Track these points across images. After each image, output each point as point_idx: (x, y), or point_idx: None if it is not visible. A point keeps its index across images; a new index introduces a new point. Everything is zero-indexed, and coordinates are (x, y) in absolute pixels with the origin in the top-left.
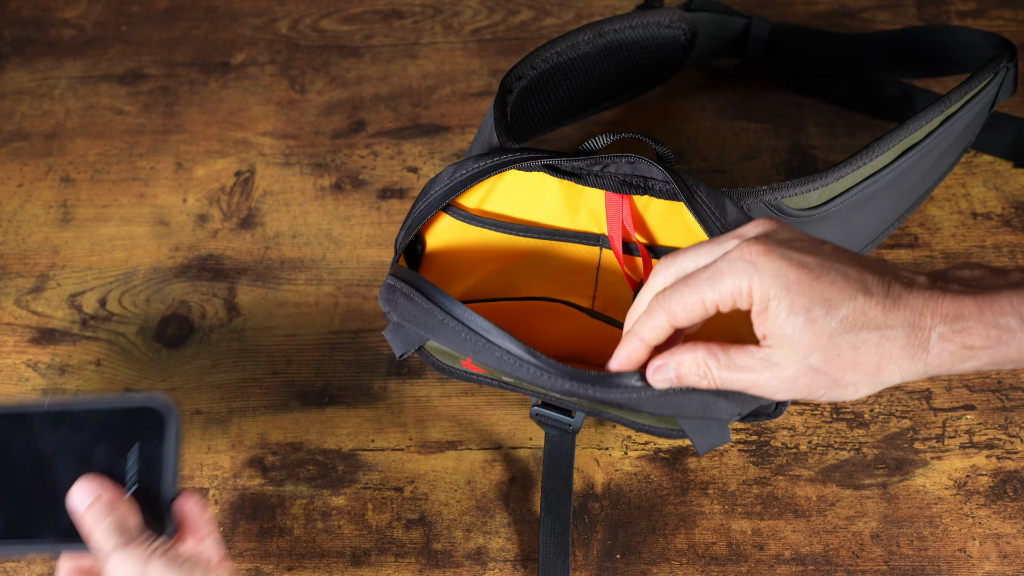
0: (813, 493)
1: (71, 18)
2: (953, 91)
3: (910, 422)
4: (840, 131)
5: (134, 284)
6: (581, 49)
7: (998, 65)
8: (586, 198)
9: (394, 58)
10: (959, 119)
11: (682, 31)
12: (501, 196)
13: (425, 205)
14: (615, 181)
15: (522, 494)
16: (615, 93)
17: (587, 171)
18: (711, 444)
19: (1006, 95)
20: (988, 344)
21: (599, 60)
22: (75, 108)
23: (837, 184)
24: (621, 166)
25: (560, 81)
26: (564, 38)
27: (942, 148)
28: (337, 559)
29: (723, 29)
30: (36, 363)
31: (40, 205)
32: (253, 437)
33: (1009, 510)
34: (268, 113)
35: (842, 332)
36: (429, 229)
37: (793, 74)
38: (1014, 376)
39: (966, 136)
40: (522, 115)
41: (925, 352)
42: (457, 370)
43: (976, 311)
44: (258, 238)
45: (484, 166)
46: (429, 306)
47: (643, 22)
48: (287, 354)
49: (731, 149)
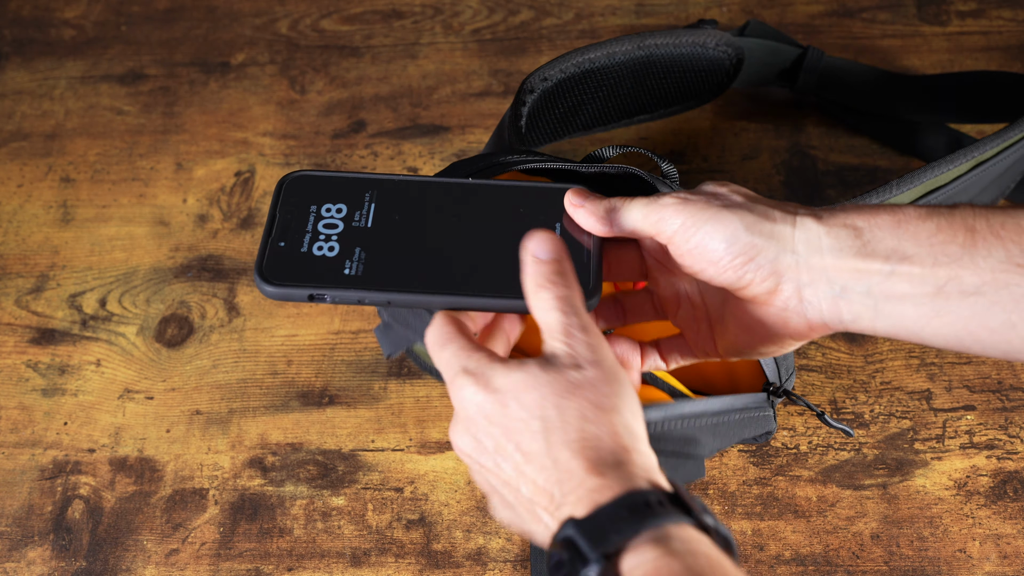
0: (813, 493)
1: (71, 18)
2: (990, 137)
3: (910, 422)
4: (840, 131)
5: (134, 284)
6: (617, 59)
7: None
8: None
9: (394, 58)
10: (992, 166)
11: (727, 55)
12: None
13: None
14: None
15: None
16: (649, 108)
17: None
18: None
19: None
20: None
21: (634, 73)
22: (75, 108)
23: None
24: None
25: (589, 88)
26: (600, 45)
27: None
28: (337, 559)
29: (775, 57)
30: (36, 363)
31: (40, 205)
32: (253, 437)
33: (1009, 510)
34: (268, 113)
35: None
36: None
37: (846, 110)
38: (1014, 376)
39: (1000, 185)
40: (542, 117)
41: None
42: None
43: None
44: (258, 238)
45: (488, 164)
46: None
47: (688, 41)
48: (287, 354)
49: (731, 149)
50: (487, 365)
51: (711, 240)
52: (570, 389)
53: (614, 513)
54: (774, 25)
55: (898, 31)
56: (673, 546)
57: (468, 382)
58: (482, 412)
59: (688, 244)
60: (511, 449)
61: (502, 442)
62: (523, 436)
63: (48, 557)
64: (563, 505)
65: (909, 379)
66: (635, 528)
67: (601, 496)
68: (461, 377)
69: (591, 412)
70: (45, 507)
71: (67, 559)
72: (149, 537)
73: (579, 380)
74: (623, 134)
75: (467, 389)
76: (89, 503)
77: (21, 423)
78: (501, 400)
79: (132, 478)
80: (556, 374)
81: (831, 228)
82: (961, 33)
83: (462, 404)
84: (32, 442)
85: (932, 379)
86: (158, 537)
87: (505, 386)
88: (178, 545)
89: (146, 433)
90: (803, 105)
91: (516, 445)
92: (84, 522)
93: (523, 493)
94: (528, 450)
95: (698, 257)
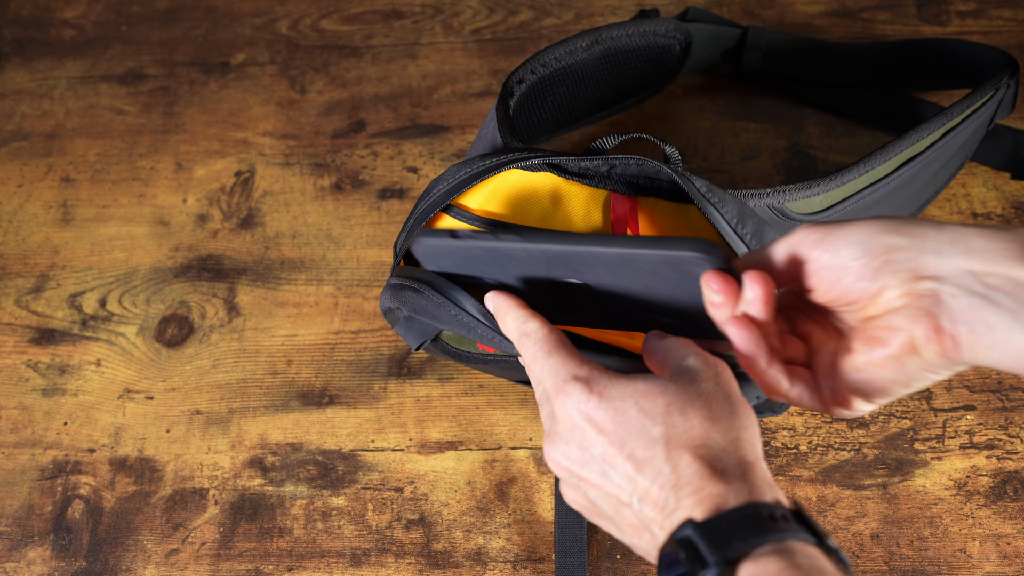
0: (813, 493)
1: (71, 18)
2: (955, 104)
3: (910, 422)
4: (840, 131)
5: (134, 284)
6: (579, 55)
7: (999, 81)
8: (591, 199)
9: (394, 58)
10: (960, 132)
11: (677, 41)
12: (504, 197)
13: (428, 204)
14: (622, 183)
15: (522, 494)
16: (611, 102)
17: (594, 172)
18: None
19: (1004, 112)
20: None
21: (596, 67)
22: (75, 108)
23: (839, 190)
24: (628, 167)
25: (558, 87)
26: (563, 43)
27: (942, 161)
28: (337, 559)
29: (718, 40)
30: (36, 363)
31: (40, 205)
32: (253, 437)
33: (1009, 510)
34: (268, 113)
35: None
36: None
37: (792, 82)
38: (1014, 376)
39: (965, 150)
40: (521, 120)
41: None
42: (473, 354)
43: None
44: (258, 238)
45: (490, 164)
46: (441, 300)
47: (640, 31)
48: (287, 354)
49: (731, 149)
50: (601, 374)
51: (846, 245)
52: (697, 399)
53: (738, 520)
54: (774, 25)
55: (898, 31)
56: (798, 560)
57: (579, 388)
58: (591, 420)
59: (824, 256)
60: (622, 458)
61: (611, 451)
62: (638, 443)
63: (48, 557)
64: (678, 509)
65: None
66: (759, 538)
67: (724, 502)
68: (571, 384)
69: (716, 423)
70: (45, 507)
71: (67, 559)
72: (149, 537)
73: (707, 392)
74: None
75: (577, 396)
76: (89, 503)
77: (21, 423)
78: (618, 407)
79: (132, 478)
80: (686, 384)
81: (984, 229)
82: (961, 33)
83: (567, 412)
84: (32, 442)
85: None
86: (158, 537)
87: (624, 393)
88: (178, 545)
89: (146, 433)
90: (803, 104)
91: (629, 453)
92: (84, 522)
93: (630, 503)
94: (642, 457)
95: (834, 268)
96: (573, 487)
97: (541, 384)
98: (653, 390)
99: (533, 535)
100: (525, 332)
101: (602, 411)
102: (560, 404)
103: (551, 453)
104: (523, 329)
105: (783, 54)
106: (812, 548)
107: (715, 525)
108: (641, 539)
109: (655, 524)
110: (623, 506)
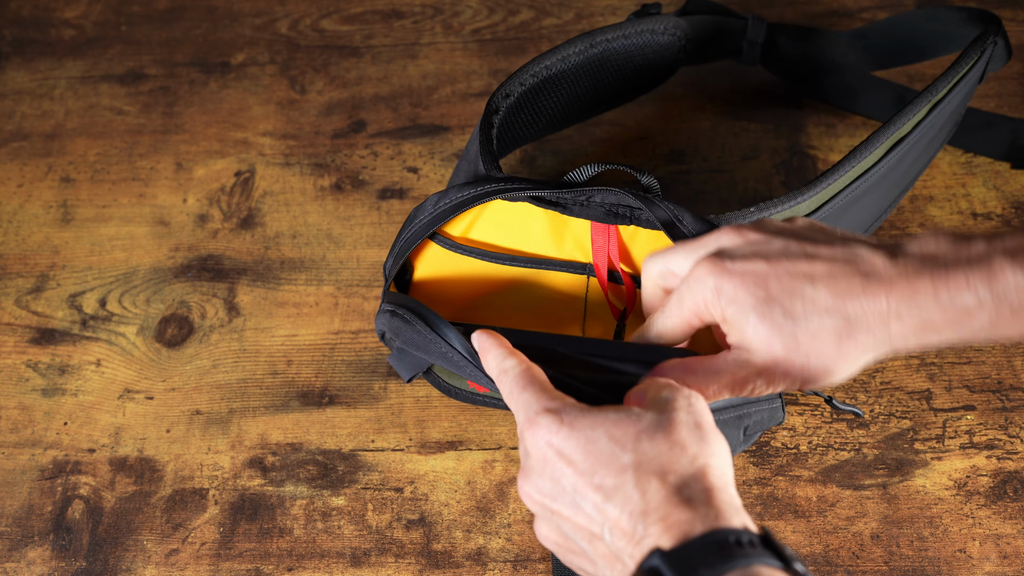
0: (813, 493)
1: (71, 18)
2: (939, 79)
3: (910, 422)
4: (840, 131)
5: (134, 284)
6: (572, 61)
7: (985, 43)
8: (572, 227)
9: (394, 58)
10: (948, 103)
11: (677, 37)
12: (486, 225)
13: (411, 233)
14: (601, 211)
15: None
16: (610, 101)
17: (572, 201)
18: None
19: (998, 64)
20: (947, 321)
21: (591, 71)
22: (75, 108)
23: (826, 191)
24: (607, 195)
25: (550, 94)
26: (553, 52)
27: (932, 134)
28: (337, 559)
29: (718, 31)
30: (36, 363)
31: (40, 205)
32: (253, 437)
33: (1009, 510)
34: (268, 113)
35: (797, 324)
36: (417, 256)
37: (792, 75)
38: (1014, 376)
39: (956, 115)
40: (511, 128)
41: (885, 329)
42: (464, 392)
43: (932, 291)
44: (258, 238)
45: (467, 195)
46: (432, 336)
47: (637, 31)
48: (287, 354)
49: (731, 149)
50: (572, 407)
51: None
52: (667, 426)
53: (704, 547)
54: None
55: None
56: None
57: (549, 420)
58: (561, 452)
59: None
60: (591, 488)
61: (581, 482)
62: (608, 471)
63: (48, 557)
64: (646, 537)
65: (909, 379)
66: (725, 565)
67: (691, 528)
68: (543, 416)
69: (685, 451)
70: (45, 507)
71: (67, 559)
72: (149, 537)
73: (678, 420)
74: (623, 133)
75: (548, 428)
76: (89, 503)
77: (21, 423)
78: (588, 437)
79: (132, 478)
80: (657, 412)
81: (909, 329)
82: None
83: (537, 445)
84: (32, 442)
85: (932, 379)
86: (158, 537)
87: (595, 423)
88: (178, 545)
89: (146, 433)
90: (803, 104)
91: (599, 483)
92: (84, 522)
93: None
94: (611, 486)
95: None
96: (546, 521)
97: (517, 418)
98: (624, 419)
99: (533, 535)
100: (503, 369)
101: (572, 442)
102: (531, 436)
103: (524, 487)
104: (502, 366)
105: (782, 44)
106: (779, 573)
107: (681, 553)
108: (614, 571)
109: (625, 554)
110: (595, 538)
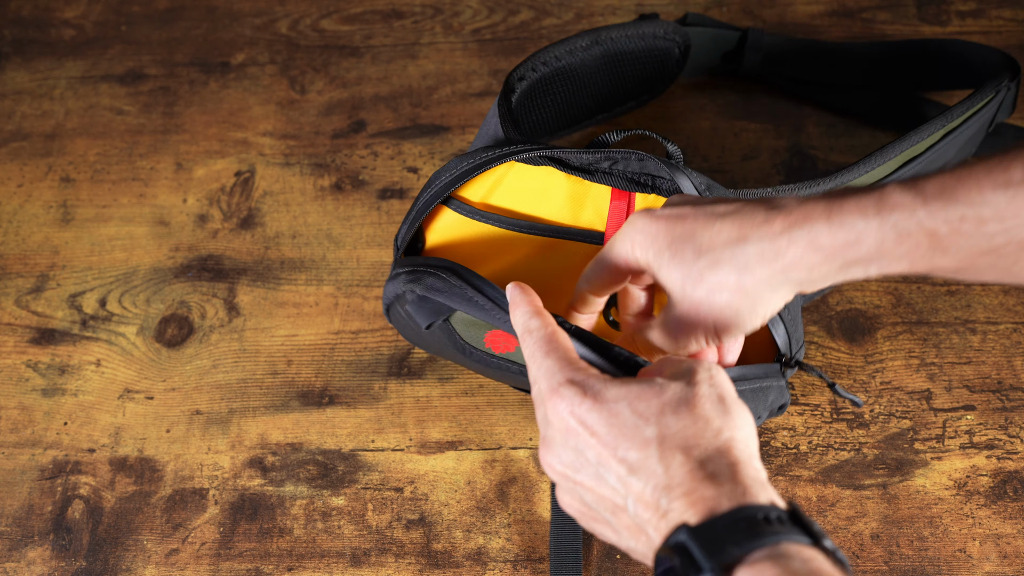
0: (813, 493)
1: (71, 18)
2: (957, 106)
3: (910, 422)
4: (840, 131)
5: (134, 284)
6: (579, 55)
7: (1000, 83)
8: (593, 195)
9: (394, 58)
10: (960, 134)
11: (676, 44)
12: (506, 190)
13: (430, 194)
14: (623, 179)
15: (522, 494)
16: (612, 104)
17: (596, 167)
18: None
19: (1005, 114)
20: (836, 245)
21: (596, 68)
22: (75, 108)
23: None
24: (630, 163)
25: (559, 86)
26: (563, 42)
27: (940, 163)
28: (337, 559)
29: (717, 43)
30: (36, 363)
31: (40, 205)
32: (253, 437)
33: (1009, 510)
34: (268, 113)
35: (698, 257)
36: (429, 225)
37: (793, 83)
38: (1014, 376)
39: (963, 152)
40: (522, 119)
41: (780, 257)
42: (478, 351)
43: (825, 214)
44: (258, 238)
45: (491, 155)
46: (459, 283)
47: (639, 32)
48: (287, 354)
49: (731, 149)
50: (596, 378)
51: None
52: (690, 400)
53: (731, 524)
54: (774, 25)
55: (898, 31)
56: (793, 566)
57: (572, 392)
58: (584, 423)
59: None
60: (615, 460)
61: (605, 454)
62: (632, 444)
63: (48, 557)
64: (670, 511)
65: (909, 379)
66: (754, 542)
67: (717, 505)
68: (565, 387)
69: (709, 424)
70: (45, 507)
71: (67, 559)
72: (149, 537)
73: (701, 393)
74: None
75: (571, 399)
76: (89, 503)
77: (21, 423)
78: (612, 410)
79: (132, 478)
80: (680, 386)
81: (799, 252)
82: (961, 33)
83: (560, 415)
84: (32, 442)
85: (932, 379)
86: (158, 537)
87: (618, 396)
88: (178, 545)
89: (146, 433)
90: (802, 104)
91: (622, 456)
92: (84, 522)
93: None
94: (635, 459)
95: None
96: (569, 491)
97: (537, 384)
98: (647, 392)
99: (533, 535)
100: (528, 328)
101: (595, 414)
102: (553, 407)
103: (546, 458)
104: (527, 325)
105: (783, 56)
106: (808, 550)
107: (709, 529)
108: (638, 542)
109: (650, 526)
110: (619, 509)
